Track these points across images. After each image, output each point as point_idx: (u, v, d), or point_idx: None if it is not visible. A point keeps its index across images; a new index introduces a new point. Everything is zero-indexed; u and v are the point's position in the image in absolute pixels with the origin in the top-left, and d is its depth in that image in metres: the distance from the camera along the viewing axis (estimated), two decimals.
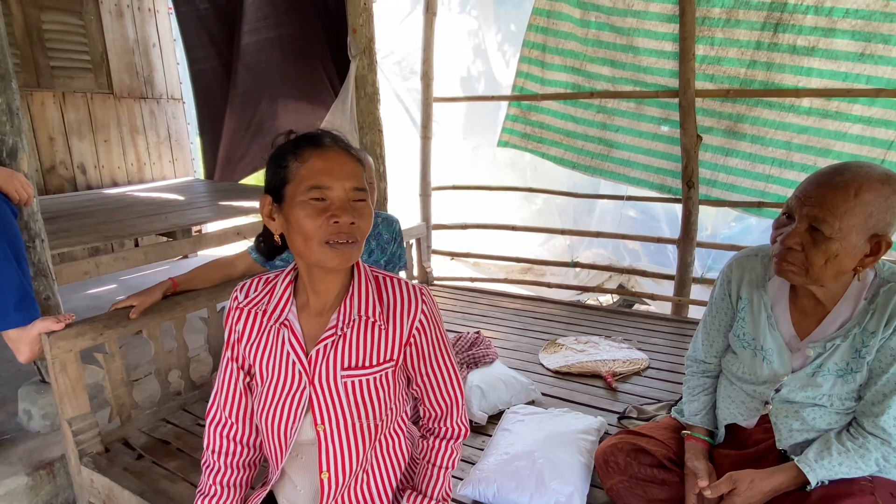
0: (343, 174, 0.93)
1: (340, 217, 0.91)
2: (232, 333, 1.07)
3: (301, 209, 0.92)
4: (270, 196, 0.98)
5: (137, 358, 2.54)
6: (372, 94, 3.14)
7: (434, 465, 1.10)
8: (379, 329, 1.01)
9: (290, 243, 0.97)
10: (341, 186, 0.92)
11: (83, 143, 4.21)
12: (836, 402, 1.20)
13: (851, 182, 1.07)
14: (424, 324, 1.03)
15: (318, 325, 1.02)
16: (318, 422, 0.99)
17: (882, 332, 1.13)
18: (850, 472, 1.14)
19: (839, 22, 2.60)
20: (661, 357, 2.51)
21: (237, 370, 1.08)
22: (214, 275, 1.95)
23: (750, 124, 2.94)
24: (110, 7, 4.29)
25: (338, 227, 0.92)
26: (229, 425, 1.10)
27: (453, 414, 1.11)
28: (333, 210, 0.92)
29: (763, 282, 1.31)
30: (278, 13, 3.72)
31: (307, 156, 0.93)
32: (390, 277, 1.05)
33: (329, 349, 0.99)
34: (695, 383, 1.46)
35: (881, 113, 2.64)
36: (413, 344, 1.03)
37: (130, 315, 1.81)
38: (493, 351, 2.25)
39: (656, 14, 2.97)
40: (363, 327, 1.01)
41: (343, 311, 1.00)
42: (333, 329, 0.99)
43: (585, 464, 1.55)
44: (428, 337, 1.04)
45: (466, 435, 1.13)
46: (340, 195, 0.93)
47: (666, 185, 3.24)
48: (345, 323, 1.00)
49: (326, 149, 0.94)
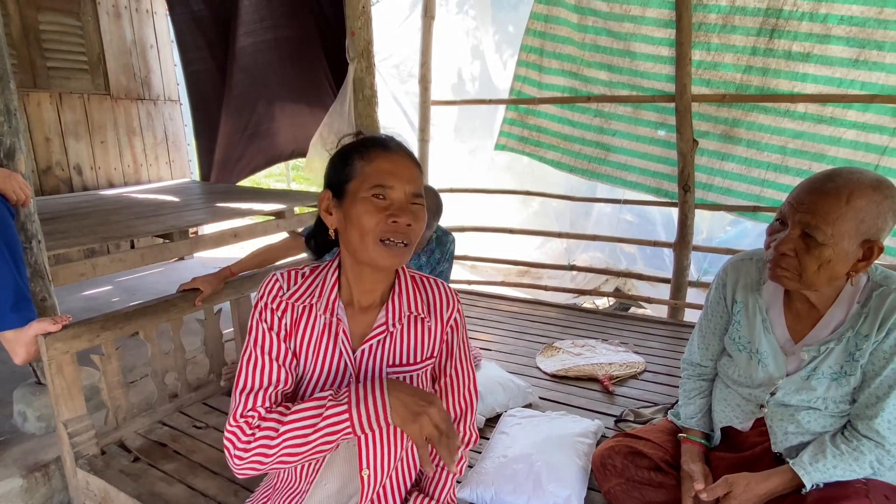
0: (406, 177, 0.95)
1: (399, 217, 0.93)
2: (280, 327, 0.99)
3: (362, 205, 0.93)
4: (331, 191, 0.99)
5: (134, 360, 2.54)
6: (370, 97, 3.13)
7: (442, 469, 1.11)
8: (424, 323, 1.03)
9: (345, 239, 0.98)
10: (402, 189, 0.94)
11: (79, 144, 4.20)
12: (830, 405, 1.21)
13: (843, 188, 1.08)
14: (458, 322, 1.07)
15: (364, 323, 1.03)
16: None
17: (875, 335, 1.14)
18: (845, 474, 1.15)
19: (834, 28, 2.63)
20: (658, 360, 2.52)
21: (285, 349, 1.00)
22: (264, 257, 2.07)
23: (745, 129, 2.96)
24: (108, 8, 4.29)
25: (395, 227, 0.93)
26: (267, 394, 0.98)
27: (467, 418, 1.12)
28: (393, 210, 0.93)
29: (758, 285, 1.32)
30: (275, 16, 3.72)
31: (374, 156, 0.95)
32: (425, 277, 1.08)
33: (376, 347, 1.01)
34: (691, 386, 1.47)
35: (875, 118, 2.66)
36: (446, 342, 1.06)
37: (196, 302, 1.96)
38: (476, 351, 2.27)
39: (653, 19, 2.99)
40: (410, 324, 1.03)
41: (392, 308, 1.02)
42: (384, 326, 1.01)
43: (583, 467, 1.56)
44: (458, 336, 1.08)
45: (476, 441, 1.14)
46: (401, 196, 0.95)
47: (662, 189, 3.26)
48: (397, 319, 1.02)
49: (392, 151, 0.97)
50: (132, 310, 1.88)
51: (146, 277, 4.13)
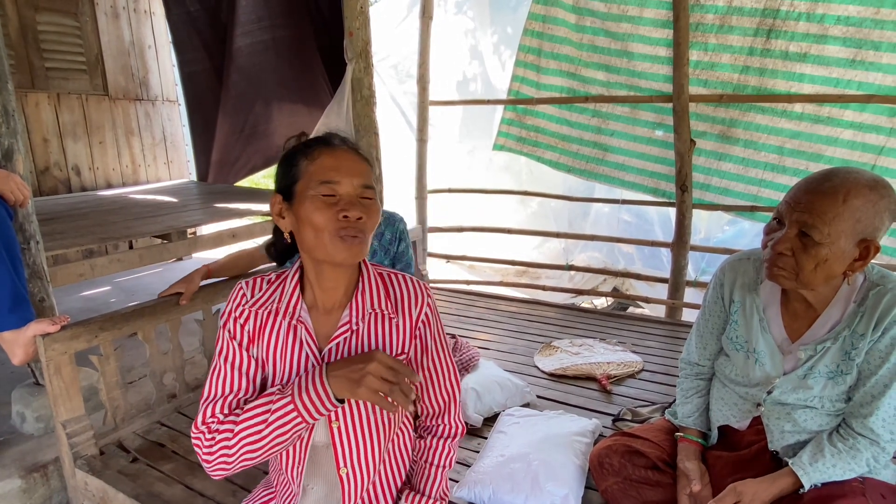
0: (352, 171, 0.95)
1: (350, 211, 0.93)
2: (243, 335, 1.01)
3: (312, 203, 0.93)
4: (281, 195, 0.99)
5: (132, 360, 2.54)
6: (368, 98, 3.14)
7: (432, 465, 1.11)
8: (391, 322, 1.02)
9: (301, 240, 0.98)
10: (350, 182, 0.95)
11: (78, 145, 4.19)
12: (826, 403, 1.22)
13: (840, 188, 1.09)
14: (429, 317, 1.05)
15: (327, 323, 1.02)
16: (334, 419, 0.99)
17: (871, 334, 1.15)
18: (844, 473, 1.15)
19: (831, 29, 2.63)
20: (656, 360, 2.52)
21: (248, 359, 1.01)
22: (242, 262, 2.02)
23: (743, 129, 2.97)
24: (106, 8, 4.28)
25: (347, 222, 0.93)
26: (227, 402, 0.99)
27: (451, 411, 1.12)
28: (343, 205, 0.93)
29: (755, 285, 1.33)
30: (272, 16, 3.72)
31: (318, 154, 0.96)
32: (393, 273, 1.07)
33: (343, 346, 1.00)
34: (688, 385, 1.48)
35: (872, 118, 2.67)
36: (419, 337, 1.05)
37: (181, 302, 1.92)
38: (474, 351, 2.26)
39: (651, 20, 3.00)
40: (375, 322, 1.02)
41: (355, 306, 1.01)
42: (347, 325, 1.00)
43: (580, 466, 1.56)
44: (431, 330, 1.07)
45: (463, 433, 1.15)
46: (349, 190, 0.95)
47: (660, 189, 3.27)
48: (359, 317, 1.01)
49: (336, 147, 0.97)
50: (130, 310, 1.88)
51: (145, 278, 4.13)
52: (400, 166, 4.07)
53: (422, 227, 3.80)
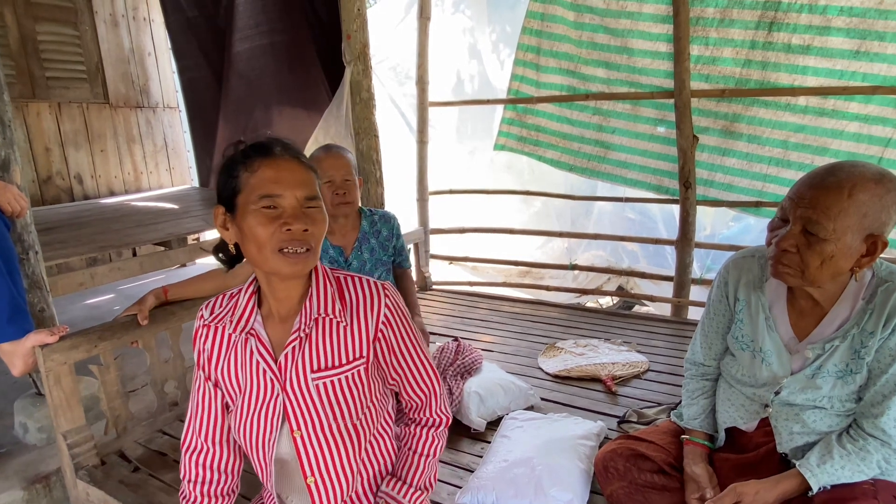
0: (293, 182, 0.93)
1: (293, 224, 0.91)
2: (201, 354, 1.06)
3: (253, 217, 0.92)
4: (223, 206, 0.98)
5: (134, 369, 2.53)
6: (367, 100, 3.13)
7: (414, 453, 1.10)
8: (343, 328, 1.01)
9: (245, 253, 0.97)
10: (292, 194, 0.93)
11: (79, 154, 4.21)
12: (836, 403, 1.19)
13: (845, 182, 1.06)
14: (390, 318, 1.03)
15: (283, 332, 1.02)
16: (295, 428, 0.99)
17: (881, 332, 1.12)
18: (853, 475, 1.12)
19: (834, 20, 2.59)
20: (661, 359, 2.49)
21: (212, 390, 1.07)
22: (207, 285, 1.90)
23: (746, 124, 2.93)
24: (105, 17, 4.30)
25: (290, 235, 0.92)
26: (206, 450, 1.09)
27: (433, 404, 1.12)
28: (285, 218, 0.92)
29: (760, 283, 1.30)
30: (270, 20, 3.71)
31: (256, 165, 0.93)
32: (351, 277, 1.05)
33: (296, 353, 1.00)
34: (694, 386, 1.45)
35: (878, 110, 2.63)
36: (382, 339, 1.04)
37: (141, 322, 1.81)
38: (477, 354, 2.24)
39: (650, 15, 2.96)
40: (327, 328, 1.01)
41: (304, 312, 1.00)
42: (297, 332, 0.99)
43: (585, 470, 1.54)
44: (395, 331, 1.05)
45: (448, 423, 1.14)
46: (292, 203, 0.93)
47: (663, 186, 3.23)
48: (305, 324, 0.99)
49: (276, 158, 0.94)
50: (130, 319, 1.86)
51: (148, 285, 4.13)
52: (401, 168, 4.05)
53: (424, 229, 3.78)
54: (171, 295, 1.89)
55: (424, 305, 3.42)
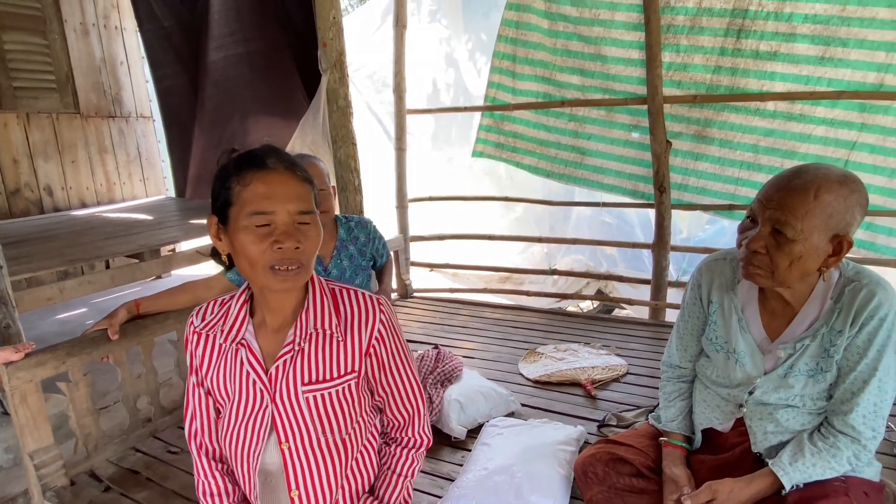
0: (286, 197, 0.91)
1: (284, 243, 0.90)
2: (193, 359, 1.05)
3: (244, 234, 0.90)
4: (216, 216, 0.96)
5: (106, 385, 2.46)
6: (344, 108, 3.11)
7: (393, 472, 1.10)
8: (337, 342, 1.00)
9: (237, 266, 0.96)
10: (285, 210, 0.91)
11: (49, 165, 4.11)
12: (808, 402, 1.20)
13: (811, 184, 1.08)
14: (383, 333, 1.03)
15: (276, 342, 1.00)
16: (283, 440, 0.98)
17: (848, 330, 1.14)
18: (825, 472, 1.14)
19: (799, 27, 2.66)
20: (640, 362, 2.51)
21: (205, 396, 1.07)
22: (181, 298, 1.86)
23: (718, 128, 2.99)
24: (75, 25, 4.21)
25: (282, 254, 0.90)
26: (214, 450, 1.09)
27: (415, 424, 1.11)
28: (277, 235, 0.90)
29: (733, 285, 1.31)
30: (245, 29, 3.69)
31: (249, 179, 0.91)
32: (347, 290, 1.04)
33: (288, 365, 0.98)
34: (671, 389, 1.46)
35: (843, 114, 2.70)
36: (373, 354, 1.03)
37: (110, 337, 1.75)
38: (457, 362, 2.23)
39: (622, 23, 3.01)
40: (321, 341, 0.99)
41: (299, 325, 0.99)
42: (290, 344, 0.98)
43: (565, 475, 1.53)
44: (387, 347, 1.04)
45: (428, 445, 1.14)
46: (284, 219, 0.91)
47: (639, 191, 3.27)
48: (302, 337, 0.98)
49: (269, 171, 0.92)
50: (100, 334, 1.81)
51: (122, 298, 4.03)
52: (380, 176, 4.04)
53: (404, 237, 3.77)
54: (143, 308, 1.85)
55: (405, 313, 3.40)
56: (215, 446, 1.09)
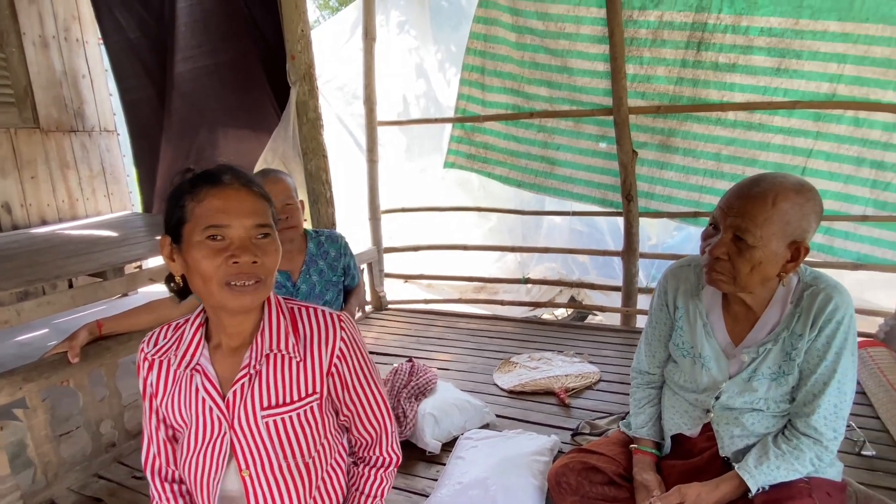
0: (242, 212, 0.89)
1: (240, 257, 0.88)
2: (147, 387, 1.01)
3: (199, 249, 0.88)
4: (170, 237, 0.94)
5: (68, 409, 2.36)
6: (314, 120, 3.10)
7: (362, 494, 1.07)
8: (296, 363, 0.97)
9: (191, 285, 0.94)
10: (241, 224, 0.89)
11: (7, 181, 3.96)
12: (772, 405, 1.23)
13: (769, 192, 1.12)
14: (345, 352, 1.00)
15: (233, 366, 0.97)
16: (243, 467, 0.95)
17: (808, 333, 1.17)
18: (788, 474, 1.16)
19: (755, 40, 2.76)
20: (612, 368, 2.54)
21: (161, 423, 1.03)
22: (145, 318, 1.78)
23: (681, 138, 3.06)
24: (34, 38, 4.10)
25: (238, 268, 0.88)
26: (170, 473, 1.06)
27: (383, 442, 1.08)
28: (232, 249, 0.88)
29: (697, 291, 1.34)
30: (213, 40, 3.64)
31: (204, 194, 0.89)
32: (306, 308, 1.02)
33: (245, 389, 0.95)
34: (640, 395, 1.48)
35: (799, 123, 2.80)
36: (336, 373, 1.00)
37: (71, 360, 1.68)
38: (432, 374, 2.22)
39: (587, 36, 3.07)
40: (279, 363, 0.97)
41: (254, 347, 0.96)
42: (246, 368, 0.95)
43: (539, 486, 1.53)
44: (350, 365, 1.01)
45: (398, 463, 1.11)
46: (240, 234, 0.89)
47: (607, 200, 3.33)
48: (257, 360, 0.95)
49: (225, 186, 0.91)
50: (59, 357, 1.75)
51: (84, 318, 3.90)
52: (352, 187, 4.02)
53: (377, 248, 3.75)
54: (105, 329, 1.79)
55: (380, 326, 3.37)
56: (173, 469, 1.06)
